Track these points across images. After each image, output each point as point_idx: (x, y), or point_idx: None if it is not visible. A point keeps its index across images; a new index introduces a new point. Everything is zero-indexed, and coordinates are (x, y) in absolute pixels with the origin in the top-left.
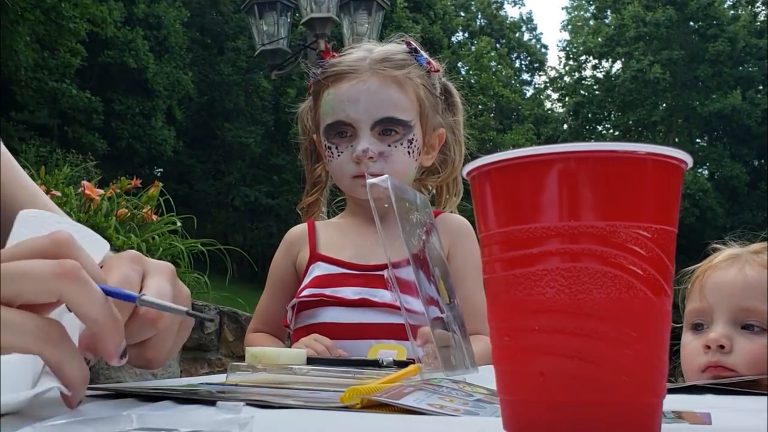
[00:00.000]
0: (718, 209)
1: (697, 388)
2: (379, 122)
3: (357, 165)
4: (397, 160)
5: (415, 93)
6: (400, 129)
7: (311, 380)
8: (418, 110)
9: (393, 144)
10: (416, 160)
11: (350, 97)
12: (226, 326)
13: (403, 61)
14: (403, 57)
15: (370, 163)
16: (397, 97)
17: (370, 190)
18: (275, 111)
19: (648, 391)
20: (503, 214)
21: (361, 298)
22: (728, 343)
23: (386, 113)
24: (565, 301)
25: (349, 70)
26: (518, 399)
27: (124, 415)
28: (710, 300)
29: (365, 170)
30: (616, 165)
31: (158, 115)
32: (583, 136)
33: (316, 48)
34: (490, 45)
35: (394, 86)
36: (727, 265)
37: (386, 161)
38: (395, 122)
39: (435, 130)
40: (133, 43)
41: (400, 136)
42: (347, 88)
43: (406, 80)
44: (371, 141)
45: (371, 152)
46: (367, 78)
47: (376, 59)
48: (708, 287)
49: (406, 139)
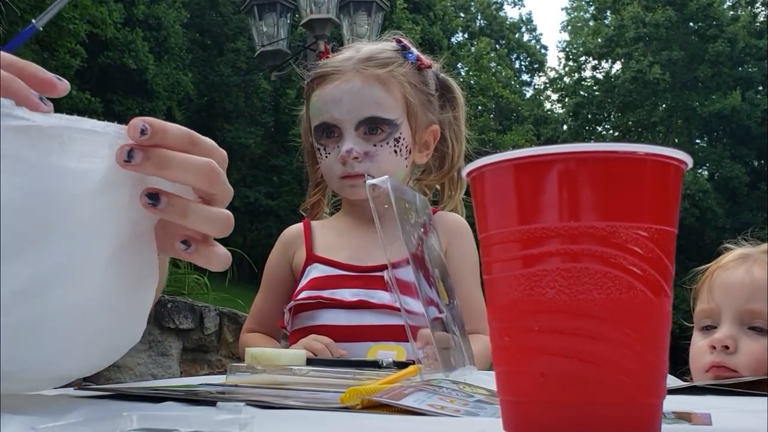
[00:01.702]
0: (718, 210)
1: (697, 389)
2: (363, 122)
3: (343, 166)
4: (384, 159)
5: (400, 91)
6: (385, 128)
7: (311, 381)
8: (405, 108)
9: (379, 143)
10: (405, 158)
11: (333, 98)
12: (226, 327)
13: (387, 59)
14: (388, 55)
15: (356, 163)
16: (380, 96)
17: (370, 190)
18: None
19: (648, 392)
20: (503, 214)
21: (359, 300)
22: (733, 344)
23: (370, 113)
24: (565, 302)
25: (333, 71)
26: (518, 399)
27: (124, 416)
28: (717, 300)
29: (351, 171)
30: (616, 165)
31: (158, 115)
32: (583, 136)
33: (315, 49)
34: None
35: (378, 85)
36: (735, 265)
37: (372, 161)
38: (379, 121)
39: (427, 128)
40: (132, 44)
41: (386, 135)
42: (331, 89)
43: (389, 78)
44: (356, 141)
45: (355, 152)
46: (350, 78)
47: (360, 58)
48: (716, 288)
49: (392, 138)
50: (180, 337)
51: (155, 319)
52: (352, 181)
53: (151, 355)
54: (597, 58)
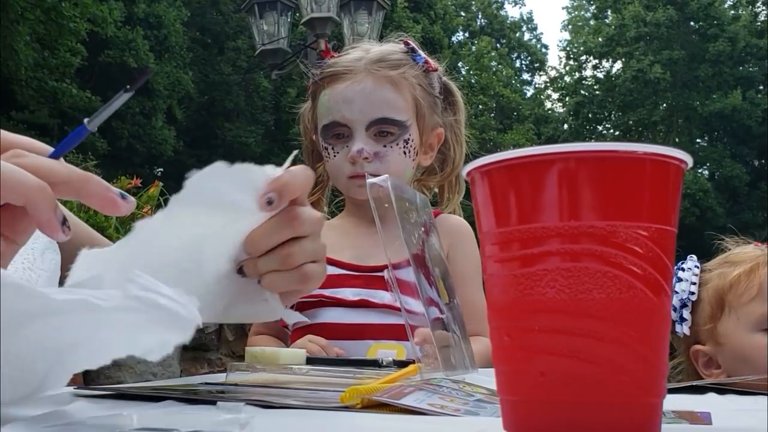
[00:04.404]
0: (718, 209)
1: (697, 388)
2: (374, 123)
3: (353, 165)
4: (393, 160)
5: (410, 93)
6: (395, 129)
7: (311, 380)
8: (415, 110)
9: (388, 144)
10: (413, 160)
11: (345, 98)
12: (226, 326)
13: (398, 61)
14: (399, 57)
15: (366, 163)
16: (391, 98)
17: (370, 189)
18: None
19: (648, 391)
20: (503, 214)
21: (360, 299)
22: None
23: (381, 114)
24: (565, 301)
25: (345, 70)
26: (518, 399)
27: (124, 415)
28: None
29: (360, 171)
30: (617, 165)
31: (158, 114)
32: (584, 136)
33: (316, 48)
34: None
35: (389, 86)
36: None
37: (381, 162)
38: (390, 122)
39: (433, 130)
40: (133, 42)
41: (396, 136)
42: (342, 88)
43: (401, 80)
44: (366, 141)
45: (366, 153)
46: (362, 78)
47: (371, 59)
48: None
49: (402, 140)
50: None
51: None
52: (361, 181)
53: None
54: (598, 57)
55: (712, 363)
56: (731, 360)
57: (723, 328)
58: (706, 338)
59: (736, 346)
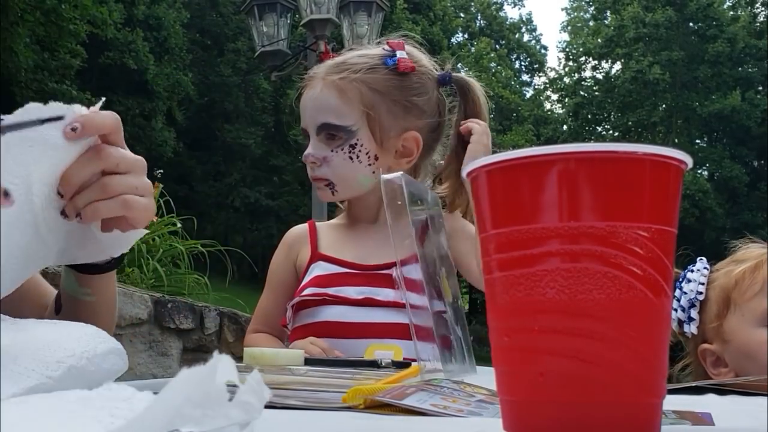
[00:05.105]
0: (718, 210)
1: (697, 389)
2: (320, 128)
3: (311, 170)
4: (338, 164)
5: (358, 98)
6: (341, 134)
7: (310, 381)
8: (365, 115)
9: (335, 149)
10: (369, 165)
11: (304, 105)
12: (226, 327)
13: (353, 65)
14: (355, 61)
15: (315, 167)
16: (334, 103)
17: (384, 185)
18: (275, 112)
19: (648, 391)
20: (503, 214)
21: (365, 297)
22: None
23: (324, 119)
24: (565, 302)
25: (309, 77)
26: (518, 399)
27: None
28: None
29: (311, 174)
30: (616, 165)
31: (158, 116)
32: (583, 136)
33: (315, 49)
34: (490, 46)
35: (335, 92)
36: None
37: (329, 166)
38: (333, 128)
39: (400, 135)
40: (133, 44)
41: (342, 141)
42: (304, 95)
43: (347, 86)
44: (317, 146)
45: (312, 158)
46: (314, 85)
47: (330, 65)
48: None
49: (348, 144)
50: (180, 337)
51: (155, 319)
52: (318, 183)
53: (152, 355)
54: (597, 58)
55: (719, 362)
56: (737, 357)
57: (728, 325)
58: (713, 336)
59: (741, 342)
